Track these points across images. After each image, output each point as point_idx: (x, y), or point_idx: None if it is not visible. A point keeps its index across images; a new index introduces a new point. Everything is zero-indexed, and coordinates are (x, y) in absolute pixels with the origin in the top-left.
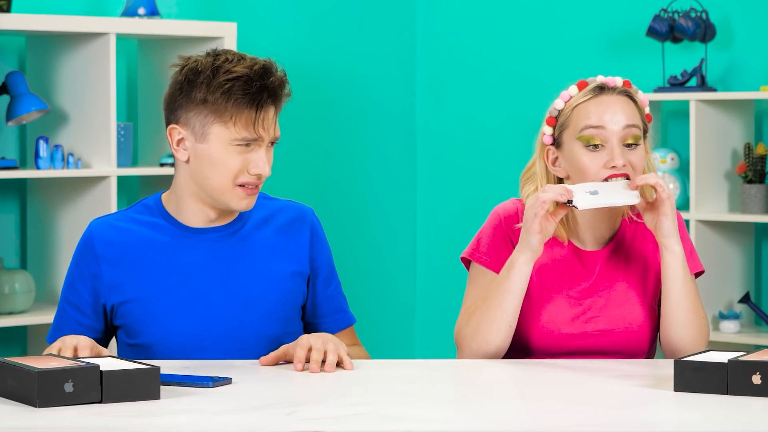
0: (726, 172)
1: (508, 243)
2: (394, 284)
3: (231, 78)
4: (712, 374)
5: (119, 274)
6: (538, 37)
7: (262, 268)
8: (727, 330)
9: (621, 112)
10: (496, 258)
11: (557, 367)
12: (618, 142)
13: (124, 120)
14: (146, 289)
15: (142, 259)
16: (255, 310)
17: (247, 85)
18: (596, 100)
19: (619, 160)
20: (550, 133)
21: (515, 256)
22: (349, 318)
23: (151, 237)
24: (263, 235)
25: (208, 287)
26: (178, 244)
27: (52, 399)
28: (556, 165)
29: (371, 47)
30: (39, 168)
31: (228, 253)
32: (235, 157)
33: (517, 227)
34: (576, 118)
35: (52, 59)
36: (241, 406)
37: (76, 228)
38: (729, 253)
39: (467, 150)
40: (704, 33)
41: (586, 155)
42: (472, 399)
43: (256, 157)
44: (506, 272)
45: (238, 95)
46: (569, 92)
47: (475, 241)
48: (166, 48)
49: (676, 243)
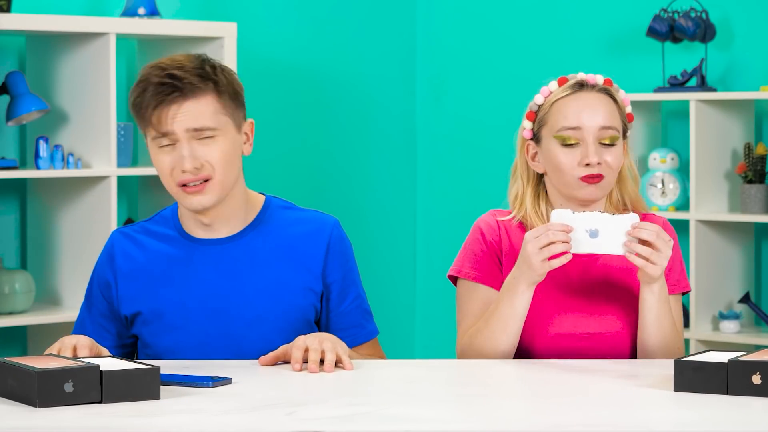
0: (726, 172)
1: (493, 255)
2: (394, 284)
3: (138, 83)
4: (712, 374)
5: (133, 288)
6: (538, 36)
7: (271, 282)
8: (727, 330)
9: (599, 111)
10: (484, 271)
11: (557, 367)
12: (594, 140)
13: (124, 120)
14: (158, 302)
15: (155, 273)
16: (261, 325)
17: (144, 83)
18: (575, 97)
19: (594, 158)
20: (529, 128)
21: (515, 283)
22: (367, 332)
23: (163, 251)
24: (275, 247)
25: (215, 301)
26: (187, 258)
27: (52, 399)
28: (535, 160)
29: (371, 47)
30: (39, 168)
31: (236, 267)
32: (163, 157)
33: (513, 219)
34: (554, 115)
35: (52, 59)
36: (241, 406)
37: (76, 228)
38: (729, 253)
39: (468, 151)
40: (704, 33)
41: (562, 152)
42: (473, 399)
43: (176, 153)
44: (508, 298)
45: (138, 98)
46: (549, 88)
47: (461, 257)
48: (166, 48)
49: (658, 285)
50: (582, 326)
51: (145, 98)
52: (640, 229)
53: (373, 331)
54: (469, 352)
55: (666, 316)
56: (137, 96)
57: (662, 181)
